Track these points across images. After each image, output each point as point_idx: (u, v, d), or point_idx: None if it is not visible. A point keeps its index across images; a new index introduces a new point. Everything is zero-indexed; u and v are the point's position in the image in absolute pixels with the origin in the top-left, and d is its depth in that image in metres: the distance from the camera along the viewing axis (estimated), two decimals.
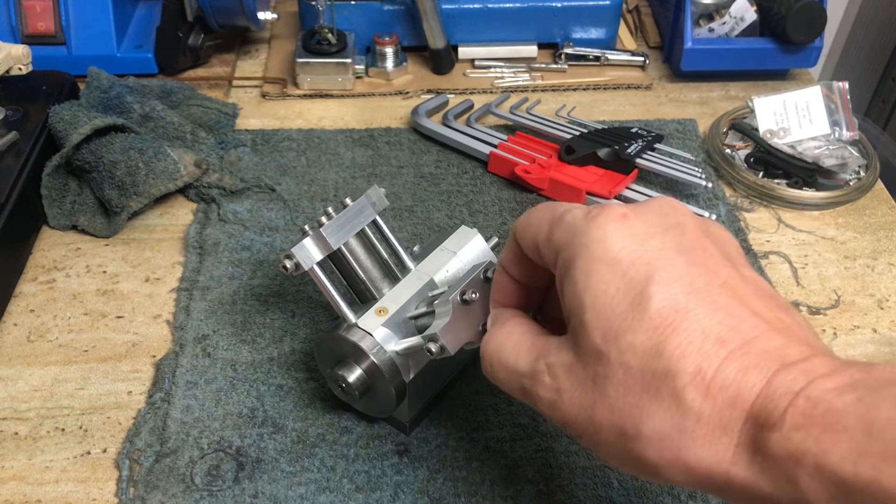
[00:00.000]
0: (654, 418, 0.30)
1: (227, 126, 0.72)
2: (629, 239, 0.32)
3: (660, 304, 0.30)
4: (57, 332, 0.55)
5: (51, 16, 0.76)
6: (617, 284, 0.31)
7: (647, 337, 0.30)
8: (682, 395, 0.29)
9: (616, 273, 0.31)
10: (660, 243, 0.32)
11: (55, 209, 0.62)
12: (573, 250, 0.33)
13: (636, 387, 0.30)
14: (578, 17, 0.83)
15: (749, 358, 0.29)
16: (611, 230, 0.32)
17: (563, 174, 0.66)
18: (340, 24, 0.80)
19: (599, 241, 0.32)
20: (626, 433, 0.31)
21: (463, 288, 0.44)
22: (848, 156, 0.68)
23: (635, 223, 0.33)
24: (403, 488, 0.46)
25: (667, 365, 0.29)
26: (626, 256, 0.32)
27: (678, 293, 0.31)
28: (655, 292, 0.30)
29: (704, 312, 0.30)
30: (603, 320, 0.31)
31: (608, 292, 0.31)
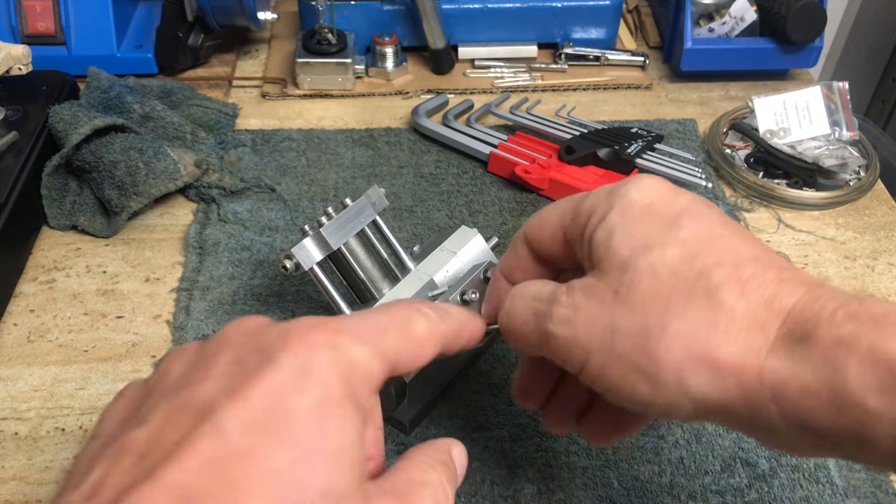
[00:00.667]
0: (684, 316, 0.29)
1: (227, 126, 0.72)
2: (663, 190, 0.33)
3: (692, 229, 0.31)
4: (57, 332, 0.55)
5: (51, 16, 0.76)
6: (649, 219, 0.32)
7: (680, 249, 0.30)
8: (715, 293, 0.29)
9: (649, 211, 0.32)
10: (691, 198, 0.33)
11: (55, 209, 0.62)
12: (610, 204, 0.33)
13: (665, 290, 0.30)
14: (578, 17, 0.83)
15: (786, 272, 0.30)
16: (645, 183, 0.33)
17: (563, 174, 0.66)
18: (340, 24, 0.80)
19: (635, 190, 0.33)
20: (650, 332, 0.30)
21: (463, 288, 0.44)
22: (848, 156, 0.68)
23: (667, 183, 0.34)
24: None
25: (700, 268, 0.30)
26: (660, 201, 0.32)
27: (711, 224, 0.31)
28: (687, 222, 0.31)
29: (736, 240, 0.31)
30: (632, 240, 0.31)
31: (640, 222, 0.32)
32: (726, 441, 0.49)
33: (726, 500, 0.46)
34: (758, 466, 0.47)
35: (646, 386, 0.30)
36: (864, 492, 0.46)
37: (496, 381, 0.52)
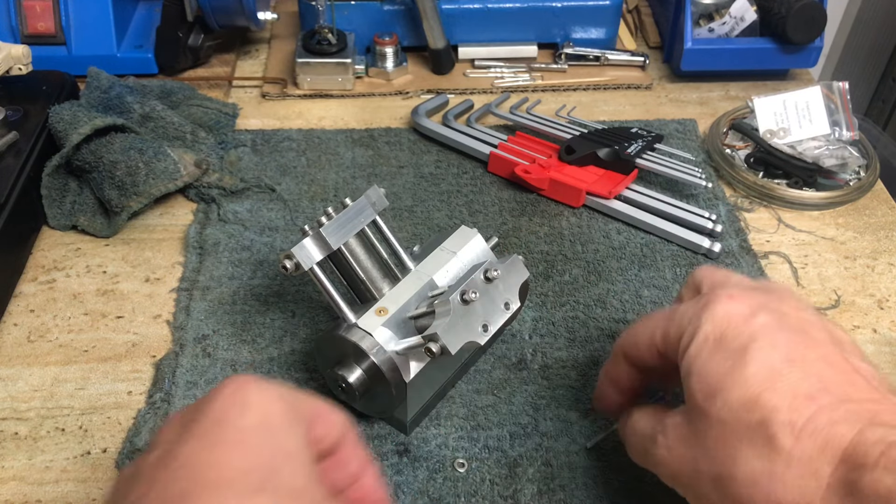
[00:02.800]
0: (748, 463, 0.33)
1: (227, 126, 0.72)
2: (735, 317, 0.36)
3: (756, 366, 0.34)
4: (57, 332, 0.55)
5: (51, 16, 0.76)
6: (721, 354, 0.35)
7: (742, 393, 0.33)
8: (773, 441, 0.32)
9: (721, 345, 0.35)
10: (763, 321, 0.36)
11: (55, 209, 0.62)
12: (689, 335, 0.37)
13: (732, 437, 0.33)
14: (578, 17, 0.83)
15: (839, 412, 0.32)
16: (718, 311, 0.36)
17: (563, 174, 0.66)
18: (340, 24, 0.80)
19: (709, 322, 0.36)
20: (722, 478, 0.34)
21: (463, 288, 0.44)
22: (848, 156, 0.68)
23: (740, 303, 0.37)
24: (403, 488, 0.46)
25: (760, 415, 0.33)
26: (731, 331, 0.36)
27: (775, 359, 0.34)
28: (753, 358, 0.34)
29: (798, 376, 0.33)
30: (705, 383, 0.35)
31: (712, 359, 0.35)
32: None
33: None
34: None
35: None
36: None
37: (496, 381, 0.52)
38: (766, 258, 0.62)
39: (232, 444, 0.30)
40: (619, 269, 0.61)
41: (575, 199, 0.66)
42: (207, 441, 0.30)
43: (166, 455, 0.30)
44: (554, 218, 0.65)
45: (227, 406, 0.31)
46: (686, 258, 0.62)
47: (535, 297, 0.58)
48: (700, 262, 0.61)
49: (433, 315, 0.43)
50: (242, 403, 0.32)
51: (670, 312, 0.39)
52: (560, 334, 0.55)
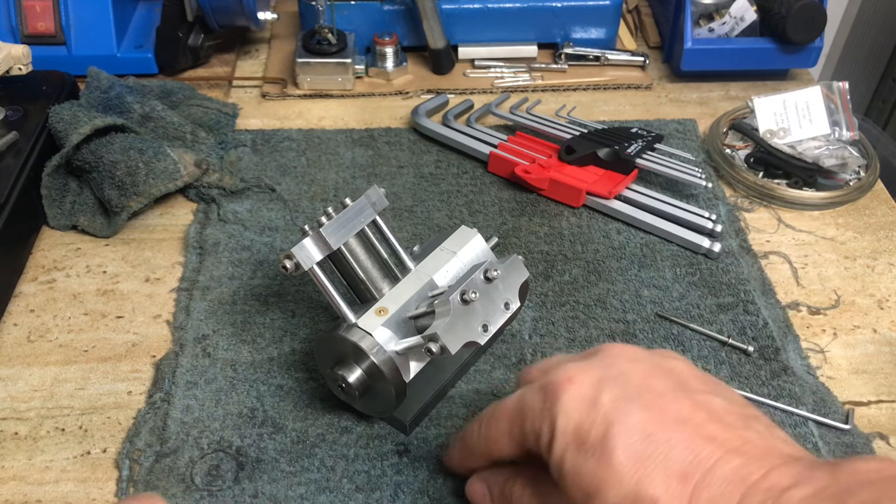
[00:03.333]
0: None
1: (227, 126, 0.72)
2: (582, 403, 0.36)
3: (621, 455, 0.33)
4: (57, 332, 0.55)
5: (51, 16, 0.76)
6: (584, 451, 0.35)
7: (618, 491, 0.33)
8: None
9: (580, 440, 0.35)
10: (609, 397, 0.35)
11: (55, 209, 0.62)
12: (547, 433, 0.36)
13: None
14: (578, 17, 0.83)
15: (713, 488, 0.32)
16: (565, 401, 0.36)
17: (563, 174, 0.66)
18: (340, 24, 0.80)
19: (561, 415, 0.36)
20: None
21: (463, 288, 0.44)
22: (848, 156, 0.68)
23: (582, 385, 0.36)
24: (403, 488, 0.46)
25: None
26: (586, 421, 0.35)
27: (636, 441, 0.34)
28: (615, 445, 0.34)
29: (663, 453, 0.33)
30: (579, 486, 0.34)
31: (578, 459, 0.35)
32: None
33: None
34: None
35: None
36: None
37: (496, 381, 0.52)
38: (766, 258, 0.62)
39: None
40: (619, 269, 0.60)
41: (575, 199, 0.66)
42: None
43: None
44: (554, 218, 0.65)
45: None
46: (686, 258, 0.62)
47: (535, 297, 0.58)
48: (700, 262, 0.61)
49: (433, 315, 0.43)
50: None
51: (517, 404, 0.39)
52: (560, 334, 0.55)
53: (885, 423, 0.51)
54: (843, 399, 0.52)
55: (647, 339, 0.55)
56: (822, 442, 0.49)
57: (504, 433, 0.39)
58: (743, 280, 0.60)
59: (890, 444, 0.49)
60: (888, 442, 0.49)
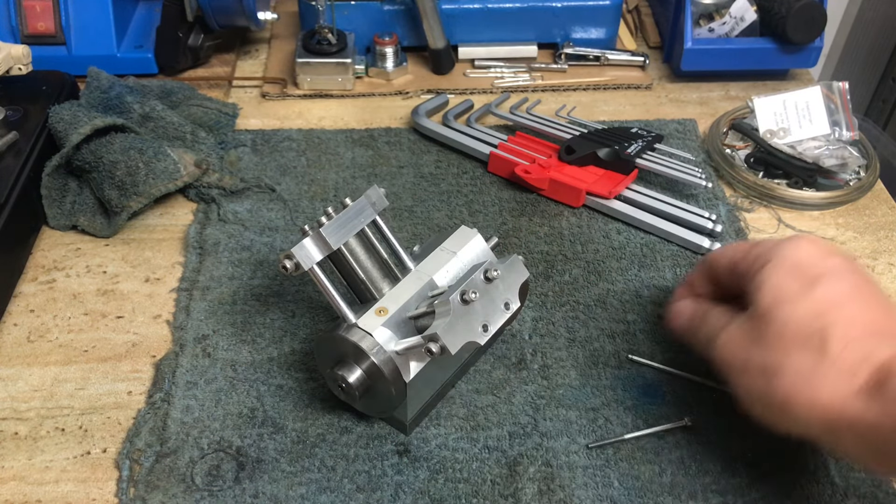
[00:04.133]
0: (797, 360, 0.39)
1: (227, 126, 0.72)
2: (815, 253, 0.42)
3: (825, 293, 0.40)
4: (57, 332, 0.55)
5: (51, 16, 0.76)
6: (795, 275, 0.41)
7: (809, 305, 0.40)
8: (824, 345, 0.38)
9: (797, 269, 0.42)
10: (838, 263, 0.42)
11: (55, 209, 0.62)
12: (768, 258, 0.43)
13: (789, 338, 0.40)
14: (578, 17, 0.83)
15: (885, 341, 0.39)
16: (802, 244, 0.43)
17: (563, 174, 0.66)
18: (340, 24, 0.80)
19: (791, 249, 0.43)
20: (770, 370, 0.40)
21: (463, 288, 0.44)
22: (848, 156, 0.68)
23: (818, 245, 0.43)
24: (404, 488, 0.46)
25: (819, 325, 0.39)
26: (809, 261, 0.42)
27: (842, 292, 0.40)
28: (824, 286, 0.40)
29: (858, 309, 0.40)
30: (774, 293, 0.41)
31: (785, 278, 0.41)
32: (726, 441, 0.49)
33: (727, 499, 0.46)
34: (758, 466, 0.47)
35: (760, 407, 0.41)
36: (863, 492, 0.46)
37: (496, 381, 0.52)
38: None
39: None
40: (619, 269, 0.60)
41: (575, 199, 0.66)
42: None
43: None
44: (554, 218, 0.65)
45: None
46: (686, 258, 0.62)
47: (535, 297, 0.58)
48: None
49: (433, 315, 0.43)
50: None
51: (757, 242, 0.46)
52: (560, 334, 0.55)
53: None
54: None
55: (647, 339, 0.55)
56: None
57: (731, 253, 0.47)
58: None
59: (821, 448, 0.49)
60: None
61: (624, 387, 0.52)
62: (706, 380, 0.52)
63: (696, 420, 0.50)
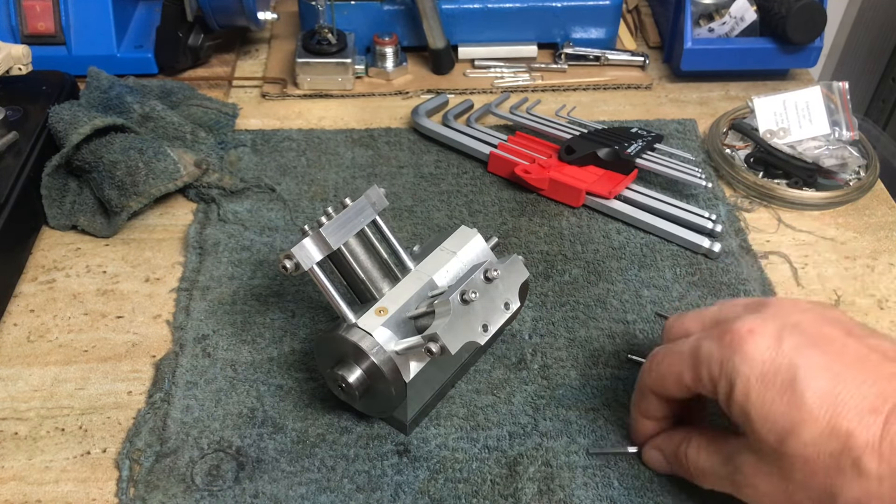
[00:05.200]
0: (845, 489, 0.35)
1: (227, 126, 0.72)
2: (766, 352, 0.38)
3: (813, 395, 0.36)
4: (57, 332, 0.55)
5: (51, 16, 0.76)
6: (771, 393, 0.37)
7: (813, 429, 0.36)
8: (861, 465, 0.35)
9: (767, 385, 0.37)
10: (792, 343, 0.38)
11: (55, 209, 0.62)
12: (729, 379, 0.39)
13: (820, 469, 0.36)
14: (578, 17, 0.83)
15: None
16: (748, 350, 0.38)
17: (563, 174, 0.66)
18: (340, 24, 0.80)
19: (744, 364, 0.38)
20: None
21: (463, 288, 0.44)
22: (848, 156, 0.68)
23: (763, 335, 0.38)
24: (404, 488, 0.46)
25: (839, 444, 0.35)
26: (769, 366, 0.37)
27: (824, 382, 0.36)
28: (805, 387, 0.36)
29: (851, 390, 0.36)
30: (771, 426, 0.37)
31: (765, 400, 0.37)
32: None
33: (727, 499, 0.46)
34: None
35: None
36: None
37: (496, 381, 0.52)
38: (766, 258, 0.62)
39: None
40: (619, 269, 0.61)
41: (575, 199, 0.66)
42: None
43: None
44: (554, 218, 0.65)
45: None
46: (686, 258, 0.62)
47: (535, 297, 0.58)
48: (700, 262, 0.61)
49: (433, 315, 0.43)
50: None
51: (692, 352, 0.41)
52: (560, 334, 0.55)
53: None
54: None
55: (647, 339, 0.55)
56: None
57: (674, 375, 0.42)
58: (743, 280, 0.60)
59: None
60: None
61: (624, 387, 0.52)
62: None
63: None
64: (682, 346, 0.42)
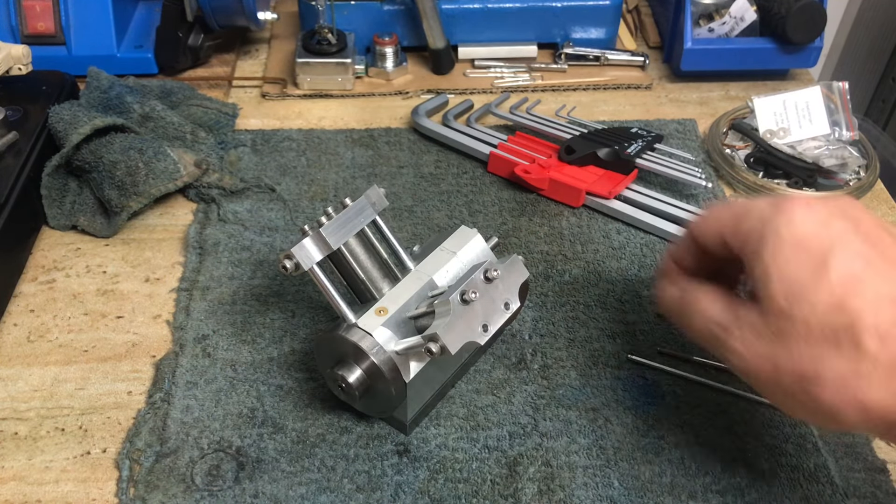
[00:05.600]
0: (834, 364, 0.35)
1: (227, 126, 0.72)
2: (813, 222, 0.37)
3: (839, 272, 0.35)
4: (57, 332, 0.55)
5: (51, 16, 0.76)
6: (801, 258, 0.36)
7: (828, 297, 0.35)
8: (860, 344, 0.34)
9: (801, 249, 0.36)
10: (840, 226, 0.37)
11: (55, 209, 0.62)
12: (763, 235, 0.38)
13: (817, 338, 0.35)
14: (578, 17, 0.83)
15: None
16: (797, 215, 0.37)
17: (563, 174, 0.66)
18: (340, 24, 0.80)
19: (786, 225, 0.37)
20: (807, 377, 0.35)
21: (463, 288, 0.44)
22: (848, 156, 0.68)
23: (817, 210, 0.37)
24: (404, 488, 0.46)
25: (846, 319, 0.34)
26: (810, 236, 0.36)
27: (856, 265, 0.35)
28: (835, 264, 0.35)
29: (879, 281, 0.35)
30: (787, 285, 0.36)
31: (792, 263, 0.36)
32: (726, 441, 0.49)
33: (726, 500, 0.46)
34: (758, 466, 0.47)
35: (805, 413, 0.37)
36: (864, 492, 0.46)
37: (496, 381, 0.52)
38: None
39: None
40: (619, 269, 0.61)
41: (575, 199, 0.66)
42: None
43: None
44: (554, 218, 0.65)
45: None
46: None
47: (535, 297, 0.58)
48: None
49: (433, 315, 0.43)
50: None
51: (743, 207, 0.40)
52: (560, 334, 0.55)
53: None
54: None
55: (646, 339, 0.55)
56: (822, 442, 0.49)
57: (718, 224, 0.41)
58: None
59: (890, 444, 0.49)
60: (888, 442, 0.49)
61: (624, 387, 0.52)
62: (706, 380, 0.52)
63: None
64: (738, 203, 0.41)
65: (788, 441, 0.48)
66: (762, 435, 0.49)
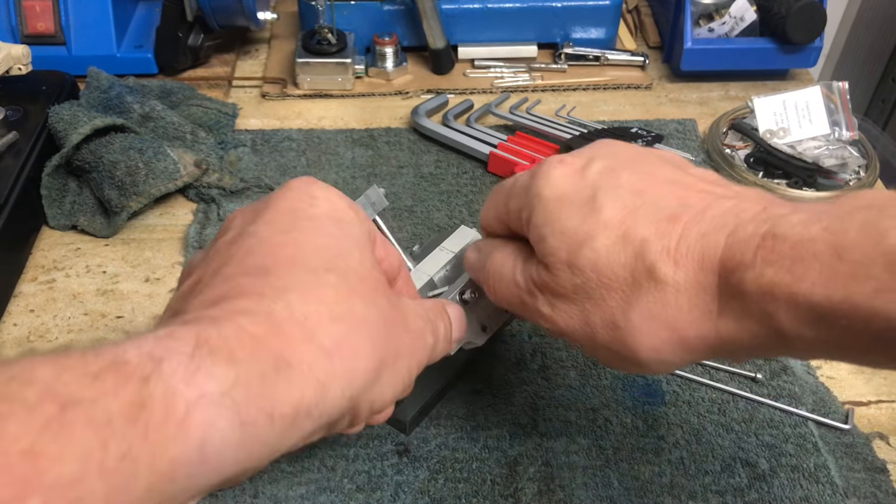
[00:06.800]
0: (638, 302, 0.32)
1: (227, 126, 0.72)
2: (570, 174, 0.36)
3: (610, 209, 0.33)
4: (57, 332, 0.55)
5: (51, 16, 0.76)
6: (570, 210, 0.34)
7: (606, 237, 0.33)
8: (655, 273, 0.32)
9: (566, 202, 0.35)
10: (598, 167, 0.35)
11: (55, 209, 0.62)
12: (530, 205, 0.36)
13: (612, 282, 0.33)
14: (578, 17, 0.83)
15: (705, 224, 0.32)
16: (553, 173, 0.36)
17: None
18: (340, 24, 0.80)
19: (546, 186, 0.36)
20: (617, 324, 0.33)
21: (462, 288, 0.44)
22: (848, 156, 0.68)
23: (572, 162, 0.36)
24: (404, 488, 0.46)
25: (633, 251, 0.32)
26: (571, 188, 0.35)
27: (624, 195, 0.34)
28: (603, 203, 0.34)
29: (653, 203, 0.33)
30: (564, 239, 0.34)
31: (563, 217, 0.34)
32: (726, 441, 0.49)
33: (726, 500, 0.46)
34: (758, 466, 0.47)
35: (632, 366, 0.34)
36: (864, 492, 0.46)
37: (496, 381, 0.52)
38: None
39: (303, 228, 0.33)
40: None
41: None
42: (280, 225, 0.33)
43: (240, 236, 0.33)
44: None
45: (297, 198, 0.34)
46: None
47: None
48: None
49: None
50: (311, 196, 0.34)
51: (509, 185, 0.39)
52: None
53: (885, 422, 0.51)
54: (842, 399, 0.52)
55: None
56: (822, 442, 0.49)
57: (492, 209, 0.40)
58: None
59: (890, 444, 0.49)
60: (888, 442, 0.49)
61: (624, 387, 0.52)
62: (706, 380, 0.52)
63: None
64: (505, 183, 0.40)
65: (788, 441, 0.48)
66: (762, 435, 0.49)
